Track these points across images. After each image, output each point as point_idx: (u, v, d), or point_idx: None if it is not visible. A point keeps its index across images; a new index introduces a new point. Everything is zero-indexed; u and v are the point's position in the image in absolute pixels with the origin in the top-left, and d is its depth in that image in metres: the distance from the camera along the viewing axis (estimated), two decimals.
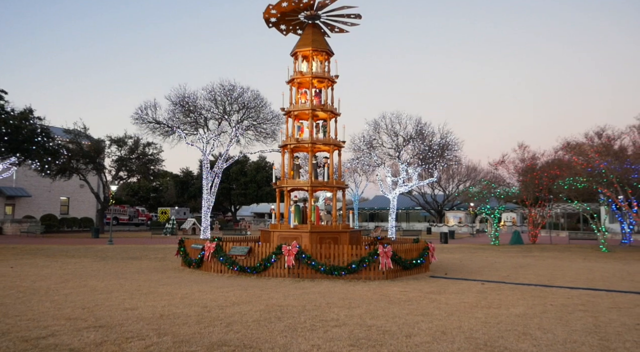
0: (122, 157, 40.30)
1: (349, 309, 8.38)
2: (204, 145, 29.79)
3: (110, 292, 10.01)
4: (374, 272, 12.53)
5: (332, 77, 15.70)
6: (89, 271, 13.91)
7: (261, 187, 59.68)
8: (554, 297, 10.10)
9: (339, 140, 15.63)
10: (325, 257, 12.68)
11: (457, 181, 57.86)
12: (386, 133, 33.97)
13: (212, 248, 13.70)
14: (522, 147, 33.34)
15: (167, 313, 7.83)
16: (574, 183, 25.76)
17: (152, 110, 30.32)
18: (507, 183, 34.67)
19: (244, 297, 9.45)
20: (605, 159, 21.49)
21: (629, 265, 17.46)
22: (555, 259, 19.57)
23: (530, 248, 26.92)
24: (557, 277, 13.70)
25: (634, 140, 22.67)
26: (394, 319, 7.63)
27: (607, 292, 10.92)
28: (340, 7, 15.16)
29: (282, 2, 14.99)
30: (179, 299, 9.23)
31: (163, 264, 16.37)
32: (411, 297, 9.75)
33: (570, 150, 24.81)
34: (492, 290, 10.96)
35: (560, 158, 29.36)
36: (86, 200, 48.49)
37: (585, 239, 31.68)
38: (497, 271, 15.15)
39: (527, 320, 7.72)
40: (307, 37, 15.65)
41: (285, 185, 15.06)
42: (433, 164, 34.09)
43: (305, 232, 14.16)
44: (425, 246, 14.49)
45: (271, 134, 31.63)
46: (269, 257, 12.87)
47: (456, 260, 18.79)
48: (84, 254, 19.95)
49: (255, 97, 30.18)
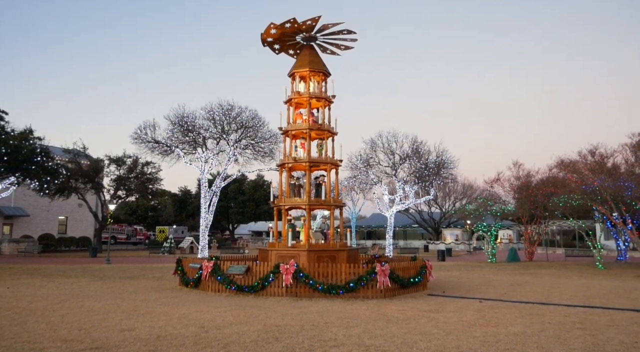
0: (120, 177, 40.32)
1: (347, 329, 8.40)
2: (202, 164, 29.93)
3: (107, 312, 9.99)
4: (372, 290, 12.54)
5: (329, 97, 15.94)
6: (86, 291, 13.86)
7: (259, 205, 59.66)
8: (552, 315, 10.13)
9: (336, 159, 15.79)
10: (323, 276, 12.69)
11: (454, 198, 57.98)
12: (383, 151, 34.26)
13: (209, 267, 13.70)
14: (517, 165, 33.62)
15: (164, 334, 7.83)
16: (568, 200, 25.92)
17: (151, 130, 30.57)
18: (503, 201, 34.81)
19: (241, 317, 9.45)
20: (598, 177, 21.69)
21: (625, 282, 17.49)
22: (552, 277, 19.58)
23: (527, 265, 26.90)
24: (554, 294, 13.72)
25: (626, 158, 22.92)
26: (392, 339, 7.65)
27: (604, 309, 10.95)
28: (340, 31, 15.46)
29: (286, 24, 15.27)
30: (176, 319, 9.22)
31: (161, 283, 16.32)
32: (409, 316, 9.77)
33: (564, 168, 25.02)
34: (490, 308, 10.97)
35: (554, 176, 29.60)
36: (84, 219, 48.30)
37: (582, 256, 31.68)
38: (495, 288, 15.16)
39: (525, 339, 7.75)
40: (305, 58, 15.94)
41: (283, 203, 15.14)
42: (429, 182, 34.29)
43: (303, 251, 14.19)
44: (423, 264, 14.51)
45: (269, 153, 31.84)
46: (266, 276, 12.87)
47: (454, 278, 18.78)
48: (82, 273, 19.86)
49: (253, 116, 30.50)
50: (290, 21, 15.09)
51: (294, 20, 15.02)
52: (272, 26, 15.53)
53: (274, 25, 15.48)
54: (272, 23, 15.48)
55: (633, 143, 23.29)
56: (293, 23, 15.14)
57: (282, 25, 15.34)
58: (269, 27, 15.59)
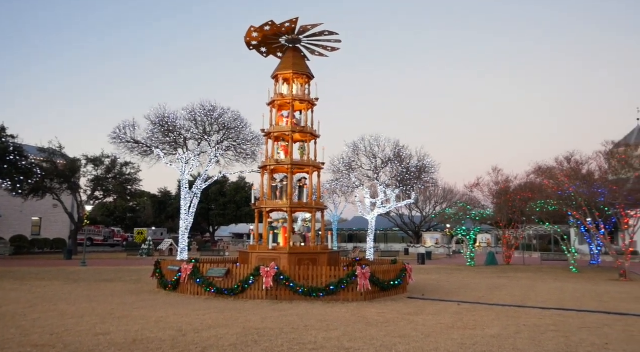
0: (98, 177, 39.59)
1: (326, 332, 8.40)
2: (183, 166, 29.60)
3: (81, 316, 9.78)
4: (352, 293, 12.57)
5: (312, 100, 15.97)
6: (59, 295, 13.55)
7: (240, 207, 59.26)
8: (527, 317, 10.31)
9: (318, 161, 15.82)
10: (303, 279, 12.68)
11: (434, 202, 58.57)
12: (365, 155, 34.43)
13: (189, 270, 13.55)
14: (496, 170, 34.17)
15: (141, 338, 7.71)
16: (545, 206, 26.44)
17: (131, 130, 30.09)
18: (482, 205, 35.31)
19: (220, 320, 9.37)
20: (574, 183, 22.19)
21: (598, 285, 17.92)
22: (528, 280, 19.94)
23: (504, 269, 27.33)
24: (530, 297, 13.97)
25: (600, 165, 23.51)
26: (372, 341, 7.68)
27: (578, 312, 11.20)
28: (321, 33, 15.52)
29: (265, 26, 15.26)
30: (153, 322, 9.09)
31: (138, 286, 16.07)
32: (389, 319, 9.82)
33: (542, 173, 25.55)
34: (468, 311, 11.11)
35: (532, 181, 30.19)
36: (59, 220, 47.21)
37: (557, 260, 32.35)
38: (473, 291, 15.36)
39: (501, 341, 7.87)
40: (288, 61, 15.94)
41: (265, 206, 15.09)
42: (411, 186, 34.59)
43: (284, 254, 14.16)
44: (403, 267, 14.62)
45: (251, 155, 31.67)
46: (246, 278, 12.80)
47: (433, 281, 18.96)
48: (55, 276, 19.41)
49: (235, 118, 30.30)
50: (269, 24, 15.08)
51: (272, 23, 15.02)
52: (253, 29, 15.50)
53: (254, 28, 15.45)
54: (252, 26, 15.45)
55: (606, 151, 23.91)
56: (272, 25, 15.13)
57: (262, 28, 15.32)
58: (250, 30, 15.56)
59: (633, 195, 21.48)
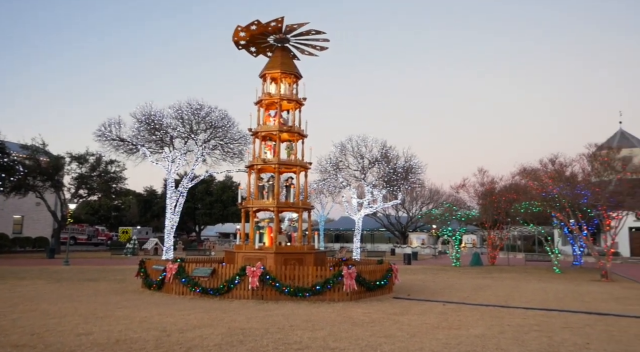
0: (82, 175, 39.03)
1: (312, 332, 8.39)
2: (169, 164, 29.34)
3: (63, 316, 9.63)
4: (338, 293, 12.58)
5: (300, 100, 15.95)
6: (41, 294, 13.33)
7: (227, 207, 58.95)
8: (511, 317, 10.43)
9: (305, 161, 15.80)
10: (289, 279, 12.66)
11: (421, 203, 58.91)
12: (352, 155, 34.50)
13: (174, 269, 13.43)
14: (481, 171, 34.50)
15: (124, 338, 7.62)
16: (529, 207, 26.76)
17: (116, 128, 29.74)
18: (468, 206, 35.61)
19: (205, 320, 9.30)
20: (558, 185, 22.50)
21: (580, 286, 18.19)
22: (512, 280, 20.16)
23: (489, 269, 27.61)
24: (514, 297, 14.13)
25: (583, 167, 23.88)
26: (357, 341, 7.69)
27: (560, 312, 11.36)
28: (308, 31, 15.49)
29: (251, 26, 15.21)
30: (137, 322, 8.99)
31: (122, 286, 15.88)
32: (374, 319, 9.85)
33: (526, 175, 25.86)
34: (453, 311, 11.19)
35: (517, 183, 30.54)
36: (42, 219, 46.44)
37: (540, 261, 32.76)
38: (458, 291, 15.48)
39: (485, 341, 7.94)
40: (276, 60, 15.90)
41: (251, 205, 15.03)
42: (397, 187, 34.73)
43: (270, 253, 14.12)
44: (389, 267, 14.67)
45: (238, 154, 31.52)
46: (232, 278, 12.73)
47: (419, 281, 19.07)
48: (37, 275, 19.10)
49: (223, 116, 30.12)
50: (255, 23, 15.03)
51: (259, 22, 14.97)
52: (240, 29, 15.43)
53: (241, 27, 15.39)
54: (238, 26, 15.39)
55: (589, 153, 24.29)
56: (258, 24, 15.08)
57: (248, 27, 15.26)
58: (237, 30, 15.49)
59: (615, 197, 21.85)
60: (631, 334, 8.75)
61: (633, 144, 41.00)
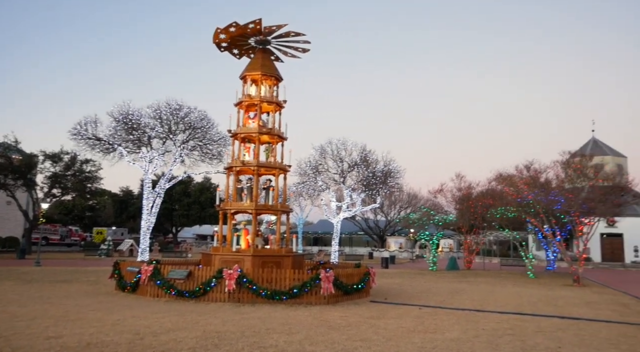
0: (56, 174, 38.15)
1: (288, 335, 8.35)
2: (146, 164, 28.91)
3: (32, 318, 9.36)
4: (315, 297, 12.55)
5: (280, 102, 15.91)
6: (9, 296, 12.93)
7: (205, 208, 58.37)
8: (486, 321, 10.56)
9: (285, 164, 15.75)
10: (267, 282, 12.57)
11: (399, 207, 59.42)
12: (332, 159, 34.58)
13: (149, 271, 13.21)
14: (459, 177, 34.98)
15: (95, 341, 7.44)
16: (505, 212, 27.26)
17: (92, 126, 29.19)
18: (445, 211, 36.02)
19: (180, 323, 9.16)
20: (532, 191, 22.96)
21: (553, 290, 18.57)
22: (487, 285, 20.45)
23: (465, 274, 27.96)
24: (489, 302, 14.33)
25: (557, 174, 24.46)
26: (333, 345, 7.68)
27: (533, 316, 11.56)
28: (287, 33, 15.44)
29: (230, 27, 15.13)
30: (109, 325, 8.80)
31: (95, 287, 15.54)
32: (351, 322, 9.85)
33: (502, 181, 26.33)
34: (429, 315, 11.29)
35: (493, 188, 31.07)
36: (13, 218, 45.18)
37: (515, 266, 33.33)
38: (434, 295, 15.62)
39: (460, 344, 8.03)
40: (257, 62, 15.84)
41: (229, 207, 14.91)
42: (376, 191, 34.96)
43: (247, 256, 14.01)
44: (367, 271, 14.71)
45: (217, 156, 31.27)
46: (209, 281, 12.58)
47: (396, 285, 19.18)
48: (6, 276, 18.53)
49: (202, 117, 29.88)
50: (233, 25, 14.97)
51: (237, 24, 14.91)
52: (219, 30, 15.35)
53: (220, 29, 15.30)
54: (218, 28, 15.30)
55: (563, 160, 24.89)
56: (237, 26, 15.01)
57: (227, 29, 15.18)
58: (216, 32, 15.40)
59: (587, 203, 22.40)
60: (601, 338, 8.95)
61: (605, 152, 42.22)
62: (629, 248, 37.88)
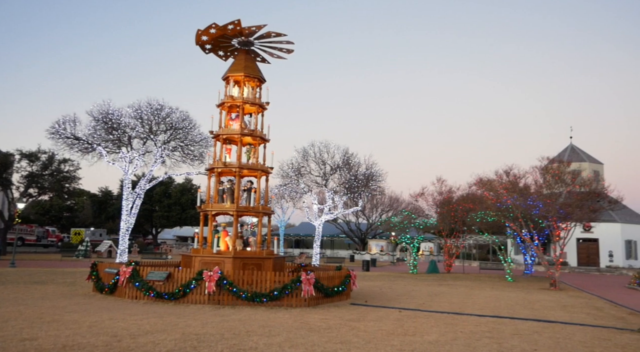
0: (33, 173, 37.37)
1: (268, 337, 8.32)
2: (126, 165, 28.48)
3: (6, 320, 9.15)
4: (296, 299, 12.54)
5: (263, 104, 15.88)
6: None
7: (185, 209, 57.78)
8: (464, 324, 10.69)
9: (267, 166, 15.72)
10: (247, 284, 12.52)
11: (381, 210, 59.66)
12: (314, 161, 34.61)
13: (127, 273, 13.02)
14: (440, 181, 35.36)
15: (71, 343, 7.31)
16: (485, 216, 27.64)
17: (71, 125, 28.60)
18: (426, 214, 36.37)
19: (159, 326, 9.05)
20: (512, 196, 23.35)
21: (530, 294, 18.89)
22: (466, 288, 20.70)
23: (445, 277, 28.25)
24: (468, 305, 14.51)
25: (535, 179, 24.91)
26: (313, 348, 7.69)
27: (511, 319, 11.75)
28: (268, 34, 15.35)
29: (210, 29, 15.06)
30: (86, 327, 8.65)
31: (72, 289, 15.25)
32: (331, 325, 9.87)
33: (482, 185, 26.70)
34: (409, 317, 11.38)
35: (473, 192, 31.48)
36: None
37: (494, 269, 33.84)
38: (414, 298, 15.74)
39: (438, 347, 8.11)
40: (240, 63, 15.79)
41: (210, 209, 14.80)
42: (358, 193, 35.09)
43: (228, 258, 13.93)
44: (347, 274, 14.76)
45: (199, 157, 30.97)
46: (188, 283, 12.47)
47: (376, 288, 19.27)
48: None
49: (184, 117, 29.55)
50: (212, 26, 14.93)
51: (216, 25, 14.86)
52: (200, 32, 15.34)
53: (201, 31, 15.28)
54: (198, 29, 15.28)
55: (542, 166, 25.38)
56: (216, 27, 14.96)
57: (208, 31, 15.14)
58: (198, 33, 15.40)
59: (564, 209, 22.86)
60: (576, 341, 9.15)
61: (582, 158, 43.18)
62: (604, 253, 38.78)
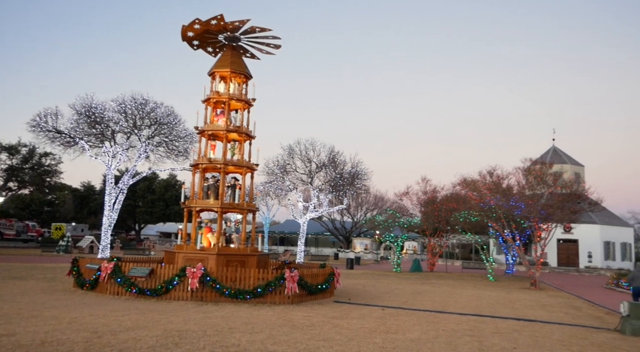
0: (13, 167, 36.70)
1: (251, 334, 8.31)
2: (109, 159, 28.10)
3: None
4: (279, 296, 12.54)
5: (249, 100, 15.81)
6: None
7: (169, 205, 57.30)
8: (446, 322, 10.81)
9: (252, 162, 15.66)
10: (231, 281, 12.47)
11: (365, 209, 59.92)
12: (300, 159, 34.61)
13: (109, 268, 12.87)
14: (424, 180, 35.62)
15: (50, 339, 7.21)
16: (468, 216, 27.95)
17: (53, 118, 28.10)
18: (410, 213, 36.61)
19: (140, 322, 8.97)
20: (495, 196, 23.65)
21: (511, 293, 19.18)
22: (449, 287, 20.92)
23: (428, 276, 28.50)
24: (450, 303, 14.66)
25: (518, 180, 25.28)
26: (295, 345, 7.70)
27: (492, 318, 11.91)
28: (252, 29, 15.21)
29: (194, 24, 14.93)
30: (66, 323, 8.53)
31: (52, 285, 15.01)
32: (314, 322, 9.89)
33: (466, 185, 26.98)
34: (392, 315, 11.46)
35: (457, 192, 31.78)
36: None
37: (476, 269, 34.23)
38: (397, 297, 15.86)
39: (420, 345, 8.19)
40: (226, 59, 15.68)
41: (194, 205, 14.70)
42: (343, 192, 35.20)
43: (211, 255, 13.85)
44: (331, 271, 14.80)
45: (183, 152, 30.72)
46: (171, 279, 12.38)
47: (360, 286, 19.36)
48: None
49: (169, 113, 29.27)
50: (196, 21, 14.81)
51: (200, 20, 14.74)
52: (184, 28, 15.19)
53: (185, 27, 15.16)
54: (183, 25, 15.16)
55: (524, 167, 25.74)
56: (200, 23, 14.84)
57: (192, 26, 15.01)
58: (183, 29, 15.25)
59: (546, 210, 23.23)
60: (554, 339, 9.32)
61: (564, 160, 43.90)
62: (584, 253, 39.54)
